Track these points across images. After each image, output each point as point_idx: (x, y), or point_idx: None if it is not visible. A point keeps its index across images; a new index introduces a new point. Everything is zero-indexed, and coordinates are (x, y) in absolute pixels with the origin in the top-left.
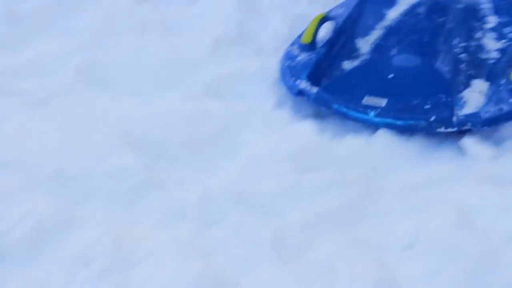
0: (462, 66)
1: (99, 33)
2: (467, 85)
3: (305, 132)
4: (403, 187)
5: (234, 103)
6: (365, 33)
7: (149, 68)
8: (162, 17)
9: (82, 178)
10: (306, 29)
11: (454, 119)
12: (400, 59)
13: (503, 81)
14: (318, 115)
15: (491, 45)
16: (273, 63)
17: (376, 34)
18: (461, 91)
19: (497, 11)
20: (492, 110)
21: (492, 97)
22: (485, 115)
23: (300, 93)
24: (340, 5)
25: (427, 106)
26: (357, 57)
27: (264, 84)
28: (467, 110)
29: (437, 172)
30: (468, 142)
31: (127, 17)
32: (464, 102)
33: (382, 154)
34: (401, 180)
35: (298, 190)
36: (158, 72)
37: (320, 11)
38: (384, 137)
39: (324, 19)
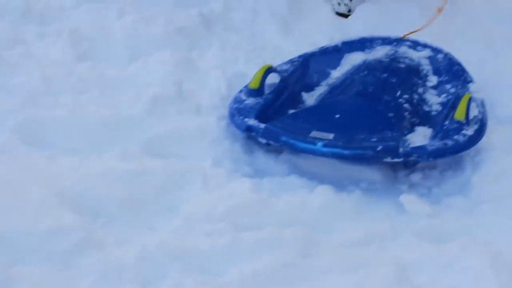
0: (406, 114)
1: (37, 92)
2: (411, 130)
3: (243, 190)
4: (342, 244)
5: (172, 161)
6: (310, 88)
7: (87, 127)
8: (100, 75)
9: (19, 237)
10: (253, 76)
11: (401, 150)
12: (347, 102)
13: (446, 122)
14: (256, 174)
15: (433, 100)
16: (211, 122)
17: (321, 89)
18: (406, 135)
19: (436, 72)
20: (437, 144)
21: (437, 135)
22: (430, 148)
23: (249, 128)
24: (285, 63)
25: (374, 139)
26: (302, 107)
27: (202, 143)
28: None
29: (376, 229)
30: (407, 199)
31: (66, 75)
32: (409, 144)
33: (320, 212)
34: (340, 238)
35: (237, 248)
36: (96, 131)
37: (257, 70)
38: (322, 194)
39: (270, 70)
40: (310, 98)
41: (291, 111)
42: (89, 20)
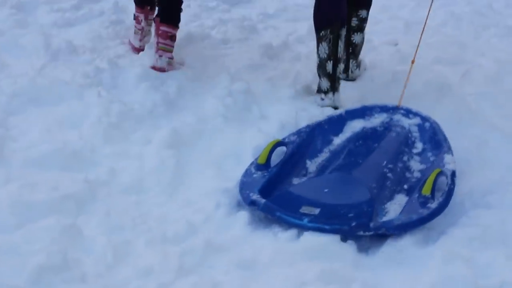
0: (388, 183)
1: None
2: (390, 198)
3: None
4: None
5: None
6: (314, 155)
7: None
8: None
9: None
10: (262, 151)
11: (371, 224)
12: (336, 177)
13: (416, 195)
14: None
15: (415, 167)
16: None
17: (323, 156)
18: (385, 203)
19: (422, 139)
20: (403, 218)
21: (405, 208)
22: (397, 222)
23: (252, 203)
24: (294, 133)
25: (350, 215)
26: (304, 175)
27: None
28: (386, 218)
29: None
30: None
31: None
32: (386, 212)
33: None
34: None
35: None
36: None
37: (145, 236)
38: None
39: (277, 145)
40: (312, 165)
41: (294, 179)
42: None
